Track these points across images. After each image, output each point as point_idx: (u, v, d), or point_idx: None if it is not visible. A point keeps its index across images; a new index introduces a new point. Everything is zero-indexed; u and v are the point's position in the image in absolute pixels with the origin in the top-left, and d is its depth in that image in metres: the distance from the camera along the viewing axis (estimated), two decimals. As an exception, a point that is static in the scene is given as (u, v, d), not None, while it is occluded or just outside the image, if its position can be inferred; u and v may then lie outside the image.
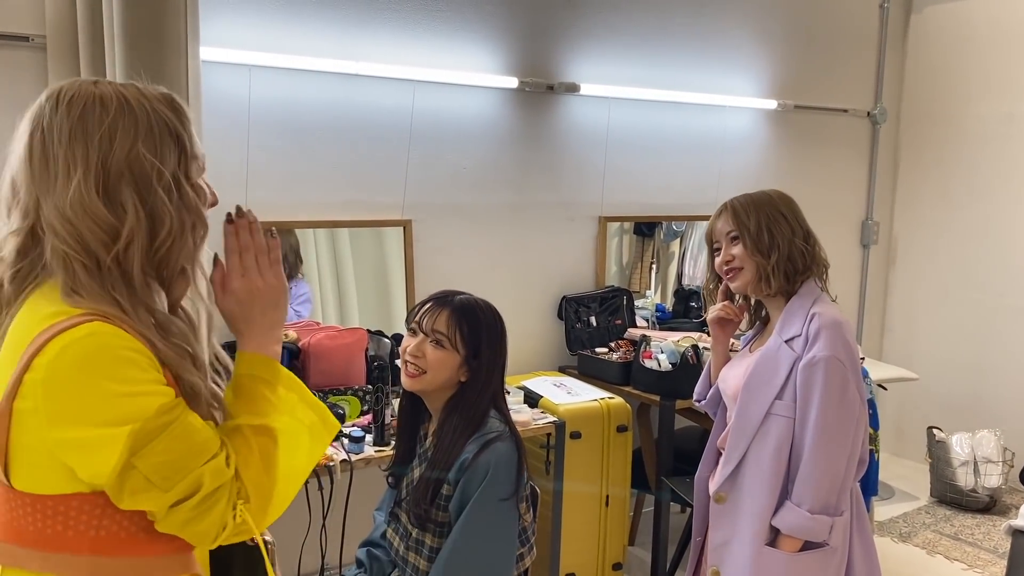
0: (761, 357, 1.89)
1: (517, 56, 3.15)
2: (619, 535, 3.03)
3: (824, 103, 4.14)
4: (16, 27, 2.26)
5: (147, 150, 1.04)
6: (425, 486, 1.74)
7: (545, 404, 2.85)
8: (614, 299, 3.49)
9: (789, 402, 1.83)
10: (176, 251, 1.07)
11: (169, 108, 1.08)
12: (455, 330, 1.75)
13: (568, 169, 3.37)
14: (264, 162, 2.70)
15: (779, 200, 1.97)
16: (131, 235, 1.03)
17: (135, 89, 1.07)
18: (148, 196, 1.04)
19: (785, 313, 1.91)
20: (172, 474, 1.00)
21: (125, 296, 1.03)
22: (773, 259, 1.90)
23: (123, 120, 1.03)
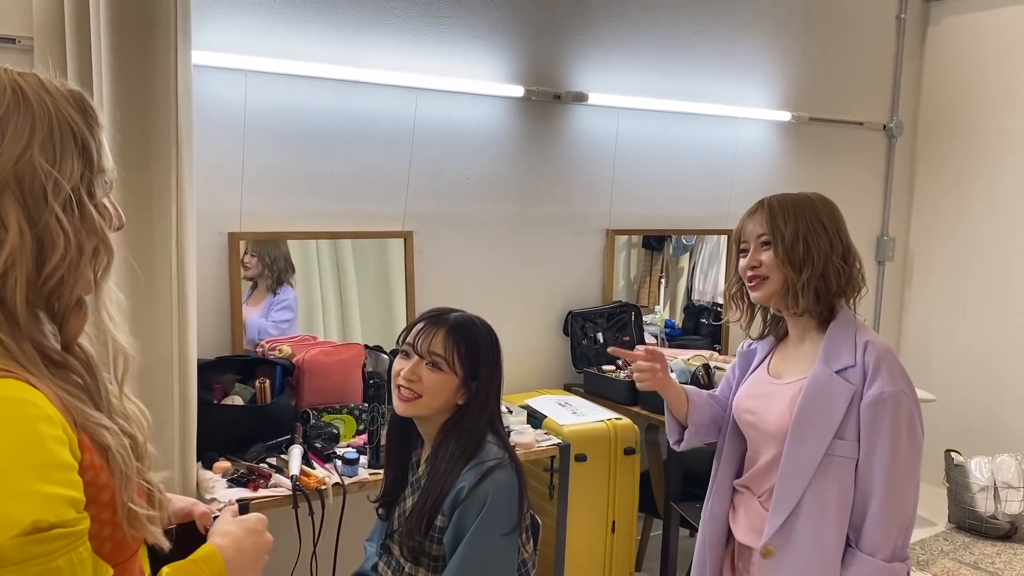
0: (810, 391, 1.66)
1: (523, 64, 3.05)
2: (625, 561, 2.91)
3: (839, 115, 4.04)
4: (3, 29, 2.18)
5: (43, 156, 0.85)
6: (418, 517, 1.63)
7: (549, 425, 2.74)
8: (622, 315, 3.38)
9: (852, 442, 1.63)
10: (71, 280, 0.89)
11: (77, 108, 0.90)
12: (452, 351, 1.65)
13: (575, 181, 3.27)
14: (260, 170, 2.61)
15: (822, 207, 1.74)
16: (11, 258, 0.84)
17: (36, 80, 0.88)
18: (39, 212, 0.85)
19: (829, 340, 1.69)
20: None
21: (5, 331, 0.86)
22: (805, 275, 1.68)
23: (16, 117, 0.85)
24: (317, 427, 2.40)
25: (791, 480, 1.65)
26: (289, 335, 2.69)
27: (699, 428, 1.91)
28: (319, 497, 2.10)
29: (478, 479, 1.58)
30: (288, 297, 2.75)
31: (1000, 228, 4.10)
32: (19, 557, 0.78)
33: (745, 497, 1.80)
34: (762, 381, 1.80)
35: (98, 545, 0.90)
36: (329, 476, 2.18)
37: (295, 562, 2.15)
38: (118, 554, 0.94)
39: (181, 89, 2.12)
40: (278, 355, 2.51)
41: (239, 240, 2.59)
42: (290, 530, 2.08)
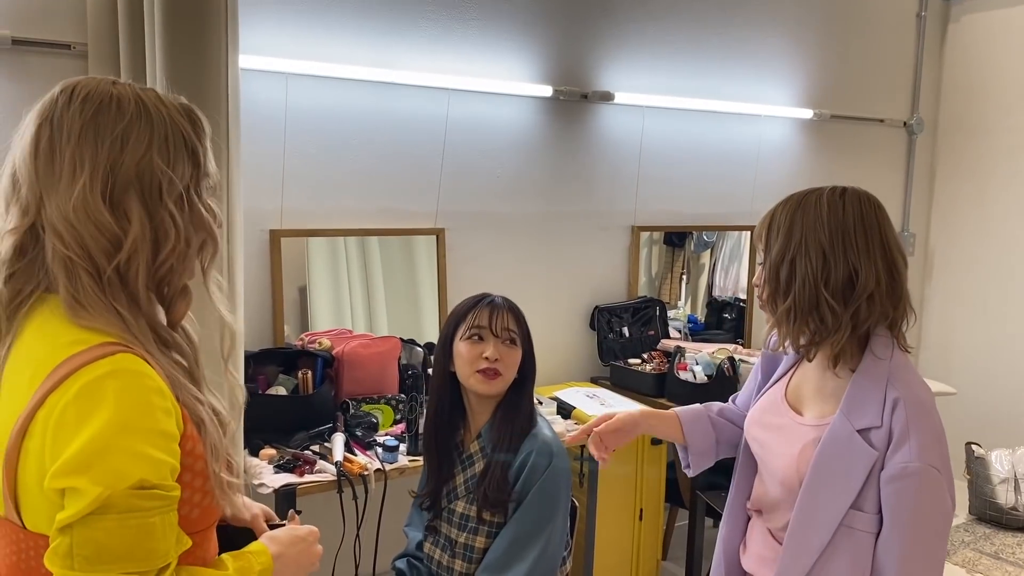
0: (827, 447, 1.40)
1: (551, 64, 3.13)
2: (652, 549, 2.98)
3: (860, 113, 4.09)
4: (58, 35, 2.27)
5: (160, 159, 0.98)
6: (497, 474, 1.74)
7: (578, 415, 2.81)
8: (647, 309, 3.45)
9: (871, 515, 1.38)
10: (179, 268, 1.02)
11: (187, 119, 1.03)
12: (519, 326, 1.83)
13: (602, 178, 3.34)
14: (299, 170, 2.70)
15: (831, 217, 1.40)
16: (134, 246, 0.97)
17: (155, 95, 1.02)
18: (156, 208, 0.98)
19: (853, 389, 1.41)
20: (94, 563, 0.89)
21: (126, 307, 0.97)
22: (782, 306, 1.42)
23: (138, 125, 0.98)
24: (357, 416, 2.49)
25: (801, 547, 1.42)
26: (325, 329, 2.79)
27: (703, 455, 1.69)
28: (362, 482, 2.19)
29: (541, 448, 1.74)
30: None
31: (1020, 223, 4.13)
32: (124, 507, 0.89)
33: (756, 522, 1.61)
34: (776, 407, 1.55)
35: (188, 510, 1.01)
36: (371, 463, 2.27)
37: (339, 545, 2.24)
38: (204, 520, 1.05)
39: (231, 91, 2.20)
40: (318, 348, 2.60)
41: (280, 237, 2.68)
42: (334, 514, 2.17)
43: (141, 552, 0.91)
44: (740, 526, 1.64)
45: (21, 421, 0.92)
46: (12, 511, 0.96)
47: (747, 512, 1.64)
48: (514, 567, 1.67)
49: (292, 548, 1.16)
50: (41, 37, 2.25)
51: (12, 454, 0.93)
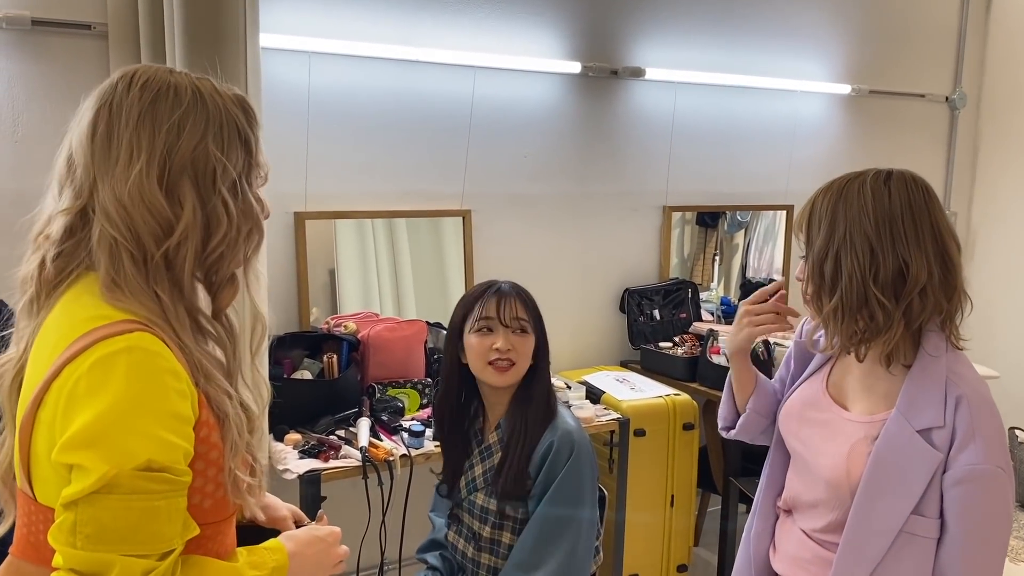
0: (885, 449, 1.32)
1: (580, 40, 3.05)
2: (684, 536, 2.93)
3: (900, 88, 3.96)
4: (78, 15, 2.25)
5: (215, 147, 1.00)
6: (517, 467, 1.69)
7: (608, 400, 2.76)
8: (679, 292, 3.38)
9: (932, 519, 1.30)
10: (229, 256, 1.03)
11: (241, 110, 1.05)
12: (529, 313, 1.77)
13: (632, 157, 3.27)
14: (323, 151, 2.66)
15: (878, 205, 1.31)
16: (186, 232, 0.98)
17: (210, 84, 1.04)
18: (208, 195, 1.00)
19: (910, 387, 1.33)
20: (96, 542, 0.87)
21: (167, 292, 0.98)
22: (829, 304, 1.33)
23: (195, 113, 1.00)
24: (383, 401, 2.46)
25: (857, 557, 1.34)
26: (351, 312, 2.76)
27: (757, 419, 1.62)
28: (387, 468, 2.16)
29: (561, 436, 1.67)
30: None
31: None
32: (129, 488, 0.87)
33: (786, 523, 1.53)
34: (818, 401, 1.46)
35: (200, 499, 0.98)
36: (396, 448, 2.23)
37: (364, 531, 2.21)
38: (217, 512, 1.02)
39: (251, 71, 2.17)
40: (344, 331, 2.57)
41: (304, 220, 2.65)
42: (359, 500, 2.14)
43: (144, 535, 0.89)
44: (771, 524, 1.57)
45: (37, 391, 0.92)
46: (25, 482, 0.96)
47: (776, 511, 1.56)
48: (546, 563, 1.62)
49: (310, 548, 1.14)
50: (61, 17, 2.23)
51: (27, 424, 0.93)
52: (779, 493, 1.56)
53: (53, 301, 1.00)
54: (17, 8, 2.17)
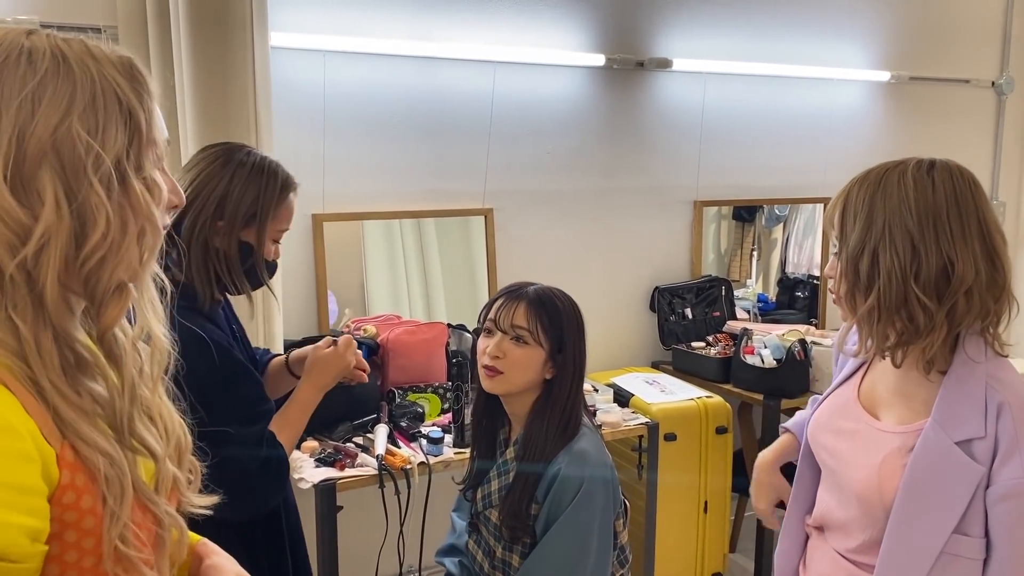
0: (921, 462, 1.21)
1: (604, 31, 2.96)
2: (719, 542, 2.83)
3: (943, 73, 3.79)
4: (89, 19, 2.22)
5: (83, 126, 0.78)
6: (519, 499, 1.57)
7: (637, 403, 2.67)
8: (712, 289, 3.28)
9: (977, 539, 1.19)
10: (112, 262, 0.80)
11: (124, 75, 0.82)
12: (535, 323, 1.60)
13: (660, 151, 3.17)
14: (340, 152, 2.61)
15: (921, 199, 1.20)
16: (46, 235, 0.76)
17: (81, 46, 0.81)
18: (77, 187, 0.77)
19: (947, 394, 1.21)
20: None
21: (27, 318, 0.77)
22: (865, 304, 1.22)
23: (54, 84, 0.77)
24: (402, 406, 2.39)
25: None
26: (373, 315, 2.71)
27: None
28: (404, 476, 2.09)
29: (573, 463, 1.54)
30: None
31: (1125, 188, 3.79)
32: None
33: (817, 541, 1.43)
34: (850, 411, 1.36)
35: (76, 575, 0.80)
36: (414, 455, 2.17)
37: (382, 541, 2.15)
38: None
39: (259, 71, 2.13)
40: (363, 335, 2.51)
41: (323, 222, 2.60)
42: (377, 509, 2.08)
43: None
44: (800, 543, 1.47)
45: None
46: None
47: (804, 527, 1.46)
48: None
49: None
50: (71, 22, 2.20)
51: None
52: (807, 510, 1.46)
53: None
54: (27, 13, 2.15)
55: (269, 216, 1.58)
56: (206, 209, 1.51)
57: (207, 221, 1.52)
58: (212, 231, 1.53)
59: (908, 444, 1.24)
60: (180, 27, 2.07)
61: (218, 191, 1.52)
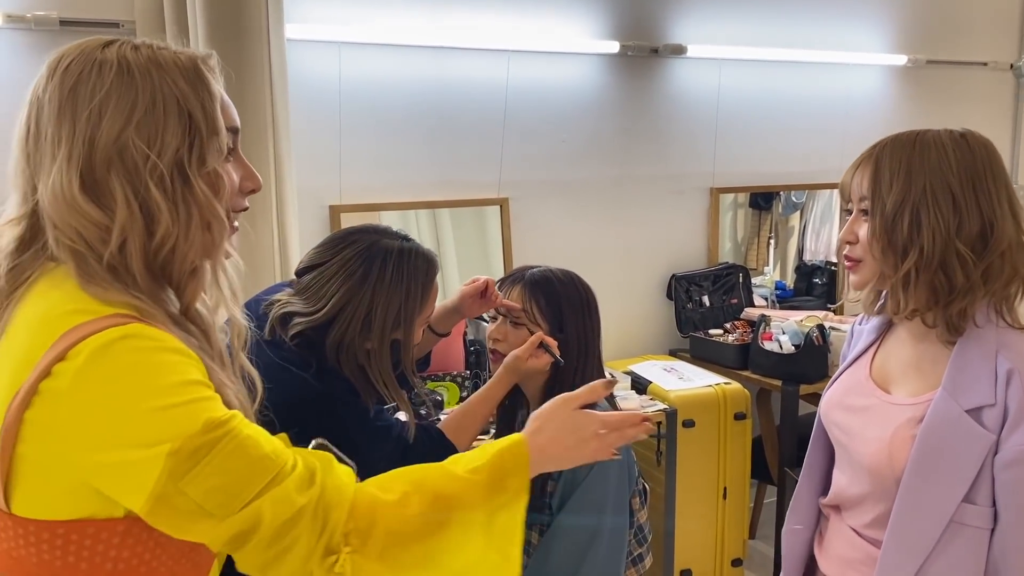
0: (931, 431, 1.21)
1: (617, 18, 2.95)
2: (738, 529, 2.83)
3: (960, 57, 3.75)
4: (106, 13, 2.24)
5: (142, 133, 0.86)
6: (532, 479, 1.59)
7: (655, 390, 2.67)
8: (729, 276, 3.27)
9: (985, 508, 1.18)
10: (183, 249, 0.90)
11: (186, 78, 0.90)
12: (531, 304, 1.61)
13: (676, 138, 3.16)
14: (357, 143, 2.62)
15: (958, 159, 1.21)
16: (123, 232, 0.87)
17: (150, 52, 0.89)
18: (141, 188, 0.87)
19: (957, 361, 1.22)
20: (227, 500, 0.83)
21: (139, 290, 0.88)
22: (906, 264, 1.21)
23: (117, 93, 0.86)
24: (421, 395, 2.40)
25: (906, 549, 1.23)
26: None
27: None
28: (424, 464, 2.10)
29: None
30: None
31: None
32: (208, 443, 0.81)
33: (834, 521, 1.42)
34: (861, 386, 1.36)
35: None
36: (434, 443, 2.18)
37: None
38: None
39: (275, 65, 2.14)
40: (380, 325, 2.52)
41: (340, 213, 2.61)
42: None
43: (259, 465, 0.84)
44: (810, 522, 1.46)
45: (22, 394, 0.82)
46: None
47: (821, 509, 1.45)
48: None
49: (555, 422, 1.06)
50: (89, 17, 2.22)
51: (11, 430, 0.83)
52: (819, 490, 1.46)
53: (13, 305, 0.91)
54: (45, 9, 2.16)
55: (415, 318, 1.50)
56: (352, 327, 1.44)
57: (354, 338, 1.45)
58: (360, 344, 1.46)
59: (918, 415, 1.24)
60: (197, 21, 2.08)
61: (361, 309, 1.44)
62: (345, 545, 0.88)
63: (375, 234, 1.52)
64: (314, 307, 1.45)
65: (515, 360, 1.59)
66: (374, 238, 1.50)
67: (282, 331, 1.46)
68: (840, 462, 1.41)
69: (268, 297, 1.53)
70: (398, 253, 1.49)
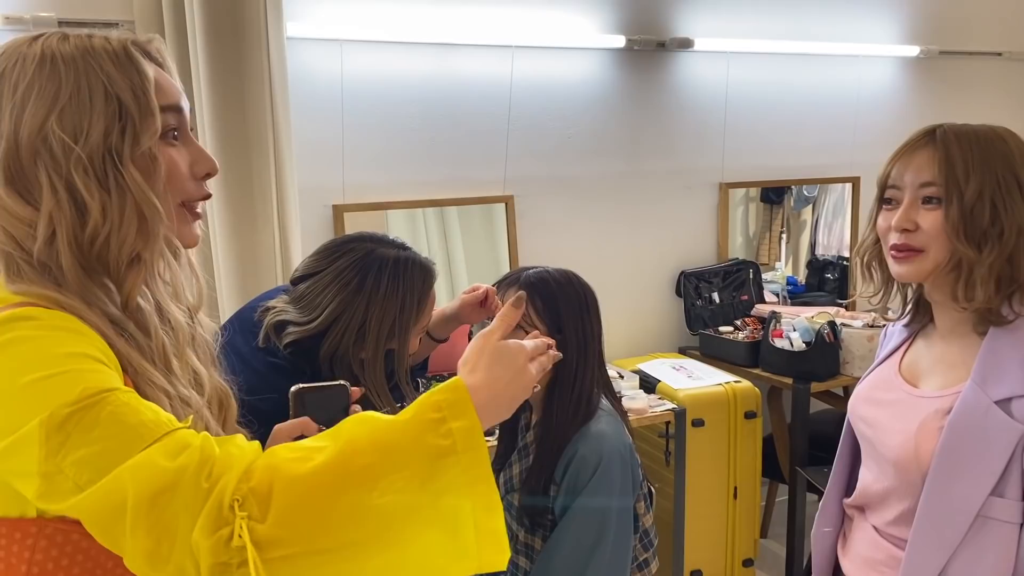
0: (959, 423, 1.19)
1: (623, 11, 2.91)
2: (749, 529, 2.79)
3: (974, 47, 3.69)
4: (105, 13, 2.22)
5: (62, 121, 0.83)
6: (535, 483, 1.57)
7: (663, 389, 2.64)
8: (739, 273, 3.23)
9: (1014, 501, 1.15)
10: (117, 240, 0.85)
11: (113, 62, 0.86)
12: (528, 307, 1.57)
13: (684, 133, 3.12)
14: (360, 141, 2.60)
15: (1018, 152, 1.22)
16: (51, 225, 0.83)
17: (80, 41, 0.86)
18: (68, 178, 0.83)
19: (988, 352, 1.20)
20: (94, 475, 0.74)
21: (69, 286, 0.84)
22: (989, 256, 1.18)
23: (39, 84, 0.83)
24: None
25: (932, 543, 1.20)
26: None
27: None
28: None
29: (590, 443, 1.52)
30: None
31: None
32: (80, 411, 0.74)
33: (858, 521, 1.41)
34: (889, 382, 1.35)
35: None
36: (438, 445, 2.16)
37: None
38: None
39: (275, 63, 2.12)
40: (385, 325, 2.50)
41: (343, 212, 2.59)
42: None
43: (132, 432, 0.75)
44: (836, 523, 1.44)
45: None
46: None
47: (846, 509, 1.43)
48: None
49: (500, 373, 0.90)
50: (88, 17, 2.20)
51: None
52: (845, 491, 1.44)
53: None
54: (43, 10, 2.15)
55: (410, 329, 1.48)
56: (346, 338, 1.42)
57: (348, 348, 1.43)
58: (354, 354, 1.44)
59: (946, 406, 1.21)
60: (195, 19, 2.06)
61: (356, 320, 1.41)
62: (240, 510, 0.74)
63: (371, 243, 1.49)
64: (308, 317, 1.43)
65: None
66: (370, 247, 1.47)
67: (276, 339, 1.44)
68: (866, 459, 1.38)
69: (262, 304, 1.51)
70: (394, 263, 1.46)
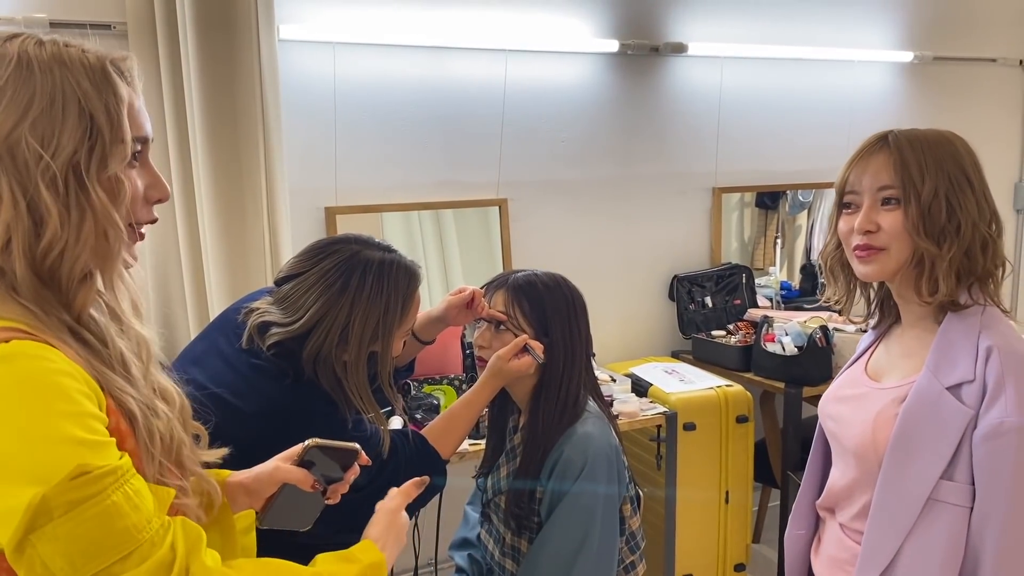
0: (913, 409, 1.22)
1: (617, 16, 2.92)
2: (741, 533, 2.79)
3: (968, 53, 3.70)
4: (97, 15, 2.22)
5: (35, 131, 0.82)
6: (522, 484, 1.57)
7: (655, 393, 2.64)
8: (732, 277, 3.23)
9: (963, 484, 1.19)
10: (71, 255, 0.85)
11: (92, 79, 0.86)
12: (515, 309, 1.60)
13: (677, 138, 3.12)
14: (352, 144, 2.60)
15: (966, 153, 1.27)
16: (8, 231, 0.83)
17: (55, 49, 0.86)
18: (30, 188, 0.83)
19: (941, 341, 1.24)
20: (70, 569, 0.77)
21: (27, 298, 0.84)
22: (949, 251, 1.22)
23: (13, 87, 0.82)
24: (418, 398, 2.38)
25: (887, 526, 1.23)
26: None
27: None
28: (418, 469, 2.08)
29: (576, 444, 1.52)
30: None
31: None
32: (71, 500, 0.76)
33: (827, 523, 1.43)
34: (855, 380, 1.39)
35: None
36: (428, 448, 2.15)
37: (398, 534, 2.14)
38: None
39: (266, 65, 2.12)
40: (377, 328, 2.50)
41: (336, 215, 2.59)
42: (391, 502, 2.07)
43: (115, 537, 0.79)
44: (809, 526, 1.47)
45: None
46: None
47: (818, 511, 1.45)
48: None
49: (392, 531, 1.13)
50: (79, 19, 2.20)
51: None
52: (816, 494, 1.46)
53: None
54: (37, 11, 2.15)
55: (394, 332, 1.48)
56: (329, 339, 1.41)
57: (331, 350, 1.42)
58: (337, 356, 1.44)
59: (902, 395, 1.26)
60: (187, 22, 2.06)
61: (339, 322, 1.41)
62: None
63: (357, 244, 1.48)
64: (292, 318, 1.42)
65: (498, 361, 1.57)
66: (355, 248, 1.47)
67: (259, 340, 1.43)
68: (834, 456, 1.41)
69: (246, 305, 1.50)
70: (378, 265, 1.45)
